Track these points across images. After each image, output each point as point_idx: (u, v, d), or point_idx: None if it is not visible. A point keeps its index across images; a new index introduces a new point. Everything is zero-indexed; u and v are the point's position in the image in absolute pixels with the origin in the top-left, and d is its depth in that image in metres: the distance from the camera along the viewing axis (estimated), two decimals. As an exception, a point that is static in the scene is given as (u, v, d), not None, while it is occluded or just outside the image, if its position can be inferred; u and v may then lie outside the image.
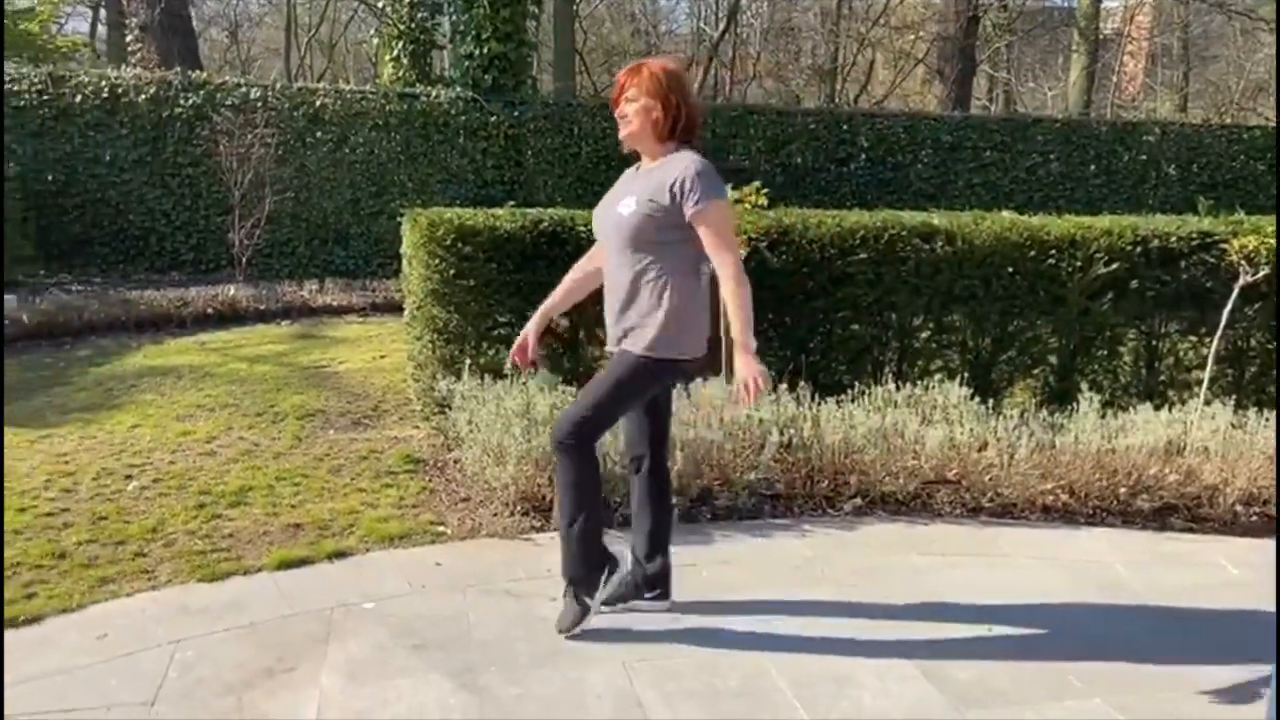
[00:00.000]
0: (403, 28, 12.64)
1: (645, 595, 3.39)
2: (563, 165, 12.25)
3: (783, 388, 4.79)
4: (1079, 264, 5.47)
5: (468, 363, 4.90)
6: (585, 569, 3.20)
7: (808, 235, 5.34)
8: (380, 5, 13.76)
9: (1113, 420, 4.78)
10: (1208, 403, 5.01)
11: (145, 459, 4.99)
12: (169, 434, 5.41)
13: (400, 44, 12.69)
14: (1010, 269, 5.47)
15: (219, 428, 5.55)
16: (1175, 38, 24.36)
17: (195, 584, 3.59)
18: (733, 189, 5.12)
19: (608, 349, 3.26)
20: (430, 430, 5.31)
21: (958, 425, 4.63)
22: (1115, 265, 5.47)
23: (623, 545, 3.42)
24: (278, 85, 11.76)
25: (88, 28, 23.22)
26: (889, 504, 4.46)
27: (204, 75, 11.80)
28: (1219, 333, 5.31)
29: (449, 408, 4.85)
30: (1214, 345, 5.34)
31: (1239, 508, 4.43)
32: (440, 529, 4.14)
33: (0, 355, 6.85)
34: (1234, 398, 5.20)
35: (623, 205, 3.11)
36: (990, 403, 4.97)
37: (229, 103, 11.14)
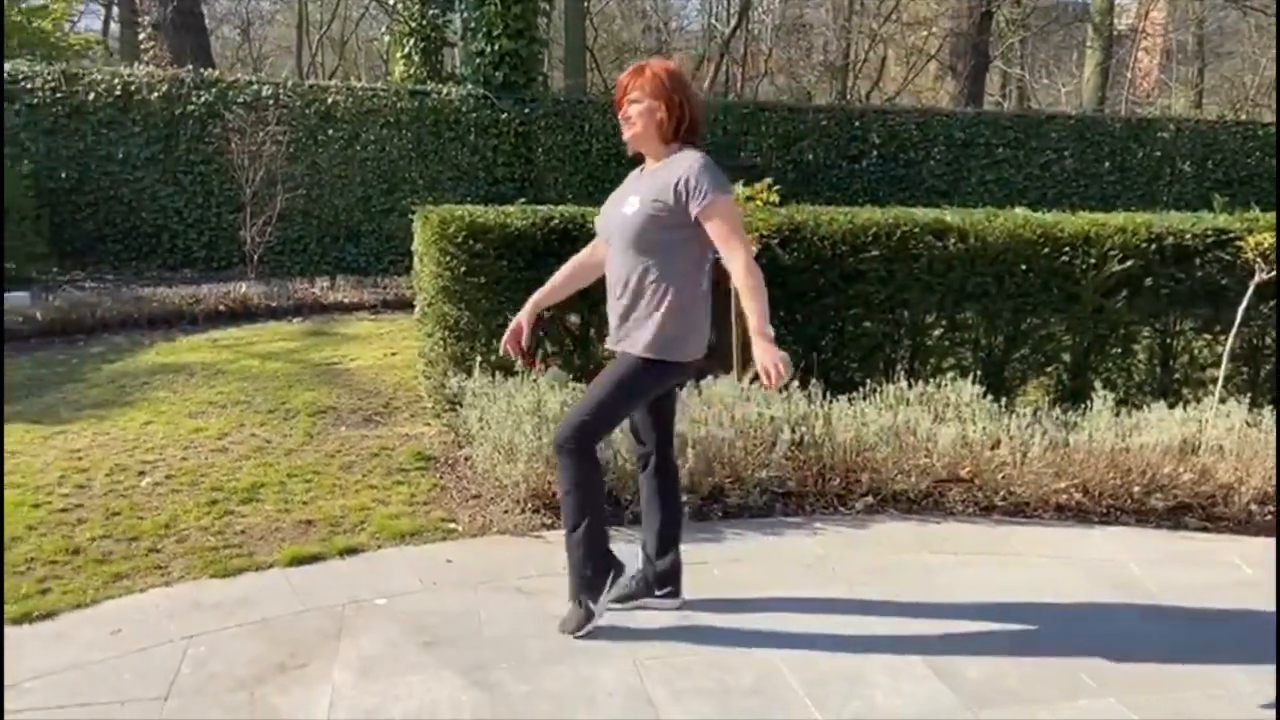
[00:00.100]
0: (414, 25, 12.66)
1: (656, 593, 3.39)
2: (573, 162, 12.25)
3: (794, 385, 4.78)
4: (1093, 261, 5.44)
5: (479, 360, 4.91)
6: (590, 573, 3.20)
7: (819, 232, 5.32)
8: (392, 3, 13.77)
9: (1127, 419, 4.75)
10: (1223, 401, 4.97)
11: (158, 455, 5.01)
12: (181, 430, 5.43)
13: (411, 41, 12.72)
14: (1023, 266, 5.44)
15: (231, 424, 5.57)
16: (1190, 33, 24.22)
17: (208, 580, 3.60)
18: (744, 185, 5.11)
19: (608, 347, 3.25)
20: (441, 427, 5.32)
21: (970, 423, 4.61)
22: (1130, 262, 5.43)
23: (633, 543, 3.42)
24: (289, 83, 11.78)
25: (100, 25, 23.35)
26: (901, 502, 4.44)
27: (216, 73, 11.84)
28: (1234, 330, 5.27)
29: (460, 405, 4.86)
30: (1229, 343, 5.31)
31: (1254, 507, 4.40)
32: (451, 526, 4.15)
33: (0, 352, 6.86)
34: (1249, 396, 5.17)
35: (627, 205, 3.10)
36: (1003, 401, 4.95)
37: (241, 100, 11.18)
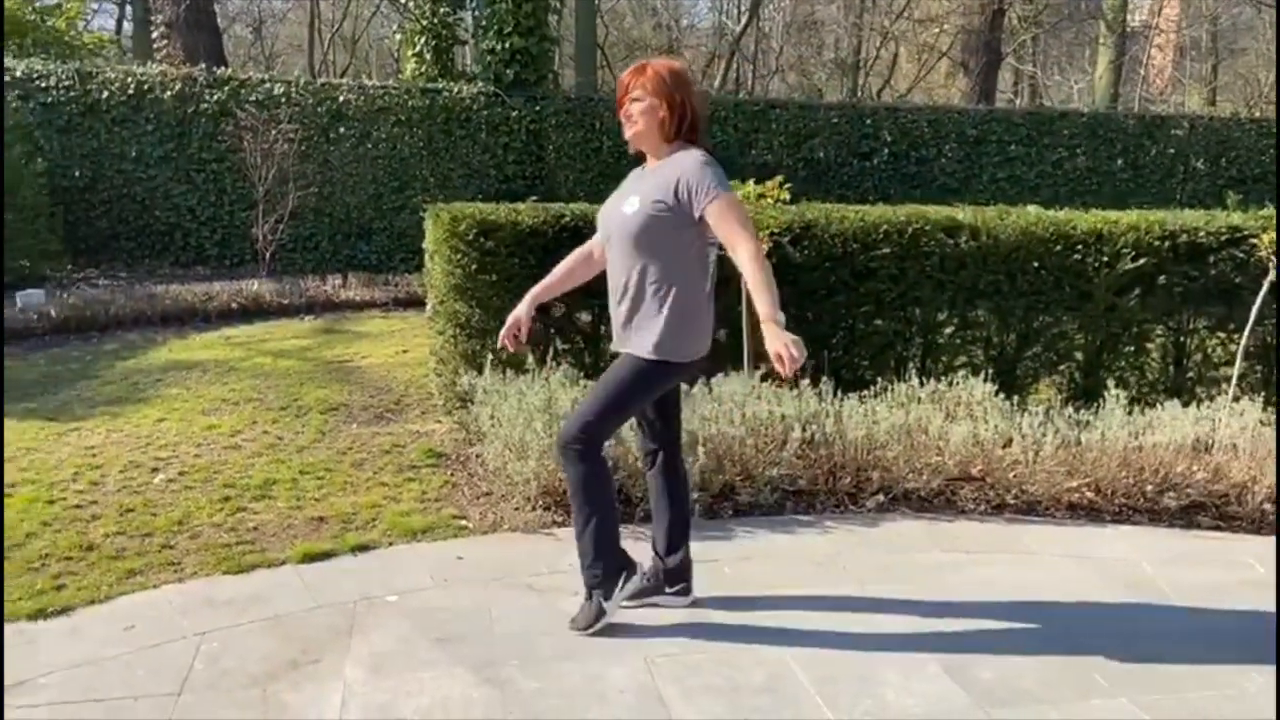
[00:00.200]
0: (425, 23, 12.68)
1: (667, 590, 3.38)
2: (584, 160, 12.25)
3: (805, 383, 4.77)
4: (1106, 259, 5.42)
5: (490, 357, 4.91)
6: (602, 571, 3.20)
7: (830, 230, 5.32)
8: (403, 1, 13.79)
9: (1139, 417, 4.72)
10: (1236, 399, 4.95)
11: (171, 452, 5.03)
12: (194, 427, 5.46)
13: (423, 39, 12.73)
14: (1036, 264, 5.42)
15: (243, 421, 5.59)
16: (1204, 30, 24.08)
17: (220, 576, 3.62)
18: (755, 183, 5.11)
19: (613, 348, 3.25)
20: (452, 425, 5.33)
21: (982, 421, 4.60)
22: (1143, 260, 5.41)
23: (644, 541, 3.42)
24: (301, 81, 11.81)
25: (113, 24, 23.46)
26: (912, 501, 4.44)
27: (228, 72, 11.88)
28: (1248, 329, 5.24)
29: (471, 402, 4.87)
30: (1243, 341, 5.28)
31: (1267, 506, 4.37)
32: (462, 523, 4.16)
33: (0, 352, 6.93)
34: (1263, 394, 5.14)
35: (627, 205, 3.09)
36: (1015, 399, 4.94)
37: (253, 99, 11.22)
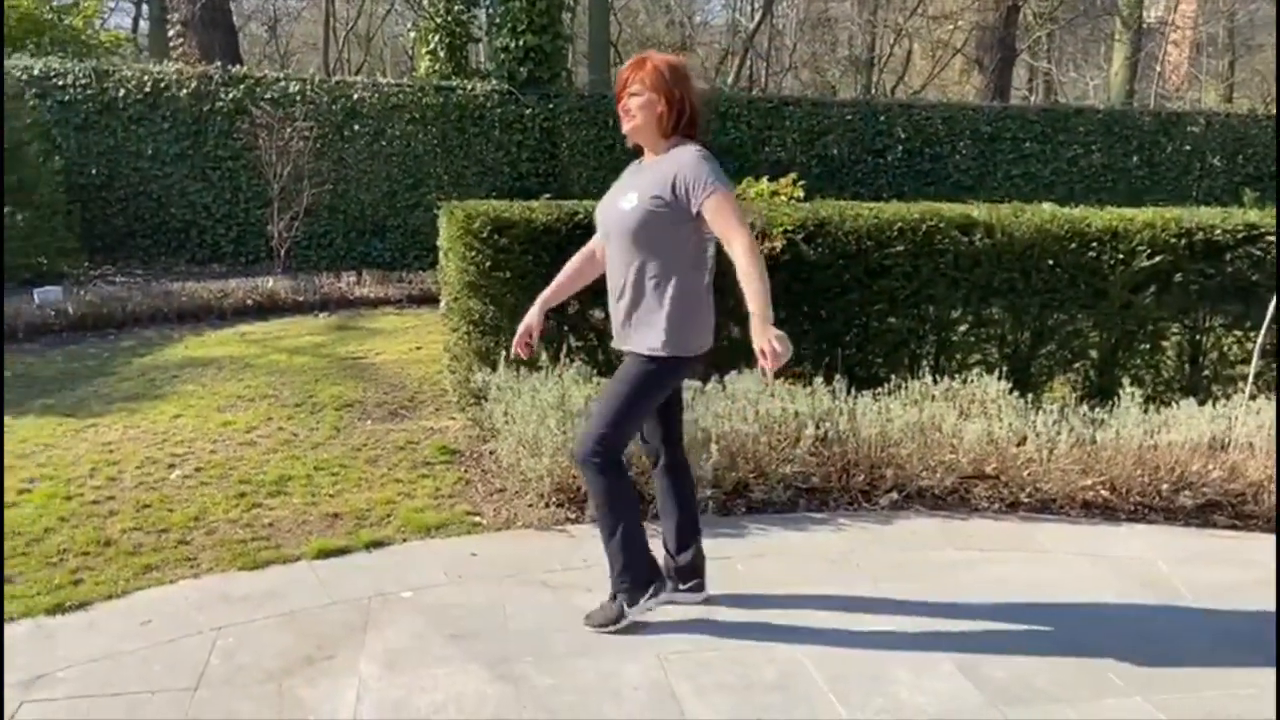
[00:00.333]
0: (439, 21, 12.70)
1: (680, 588, 3.38)
2: (597, 157, 12.25)
3: (818, 381, 4.76)
4: (1121, 257, 5.39)
5: (503, 354, 4.92)
6: (630, 581, 3.20)
7: (844, 227, 5.31)
8: (417, -2, 13.82)
9: (1155, 415, 4.70)
10: (1253, 398, 4.91)
11: (187, 448, 5.07)
12: (210, 424, 5.49)
13: (437, 37, 12.75)
14: (1050, 262, 5.40)
15: (259, 418, 5.62)
16: (1220, 26, 23.89)
17: (236, 572, 3.65)
18: (769, 181, 5.11)
19: (615, 345, 3.24)
20: (466, 421, 5.35)
21: (996, 419, 4.59)
22: (1158, 258, 5.38)
23: (655, 539, 3.42)
24: (316, 79, 11.85)
25: (130, 23, 23.58)
26: (926, 498, 4.43)
27: (244, 70, 11.93)
28: (1265, 327, 5.20)
29: (485, 399, 4.88)
30: (1259, 340, 5.24)
31: (1285, 505, 4.35)
32: (476, 519, 4.17)
33: (0, 352, 6.97)
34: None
35: (625, 201, 3.09)
36: (1029, 397, 4.91)
37: (268, 97, 11.26)
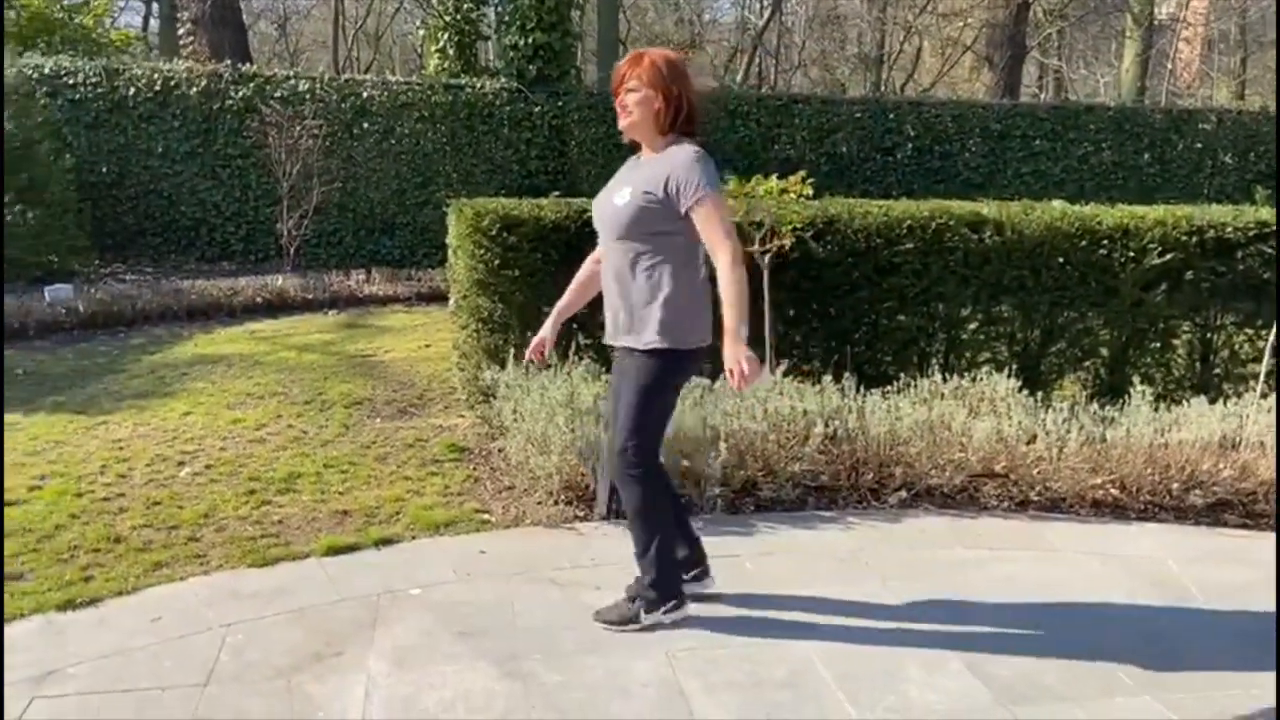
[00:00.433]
0: (448, 19, 12.70)
1: (685, 577, 3.36)
2: (606, 155, 12.23)
3: (827, 378, 4.76)
4: (1132, 254, 5.37)
5: (512, 352, 4.93)
6: (656, 594, 3.20)
7: (854, 225, 5.30)
8: (426, -4, 13.83)
9: (1165, 414, 4.68)
10: (1264, 396, 4.89)
11: (197, 446, 5.08)
12: (220, 421, 5.51)
13: (446, 35, 12.75)
14: (1061, 259, 5.38)
15: (268, 415, 5.64)
16: (1232, 23, 23.78)
17: (246, 569, 3.65)
18: (778, 179, 5.09)
19: (609, 343, 3.22)
20: (475, 419, 5.36)
21: (1006, 418, 4.57)
22: (1169, 256, 5.36)
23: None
24: (325, 77, 11.86)
25: (140, 21, 23.65)
26: (935, 497, 4.42)
27: (253, 68, 11.96)
28: (1276, 325, 5.18)
29: (493, 397, 4.89)
30: (1271, 338, 5.22)
31: (1296, 504, 4.33)
32: (485, 517, 4.18)
33: (0, 350, 7.01)
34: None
35: (618, 197, 3.08)
36: (1039, 395, 4.90)
37: (278, 95, 11.28)
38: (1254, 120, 13.93)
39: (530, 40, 11.79)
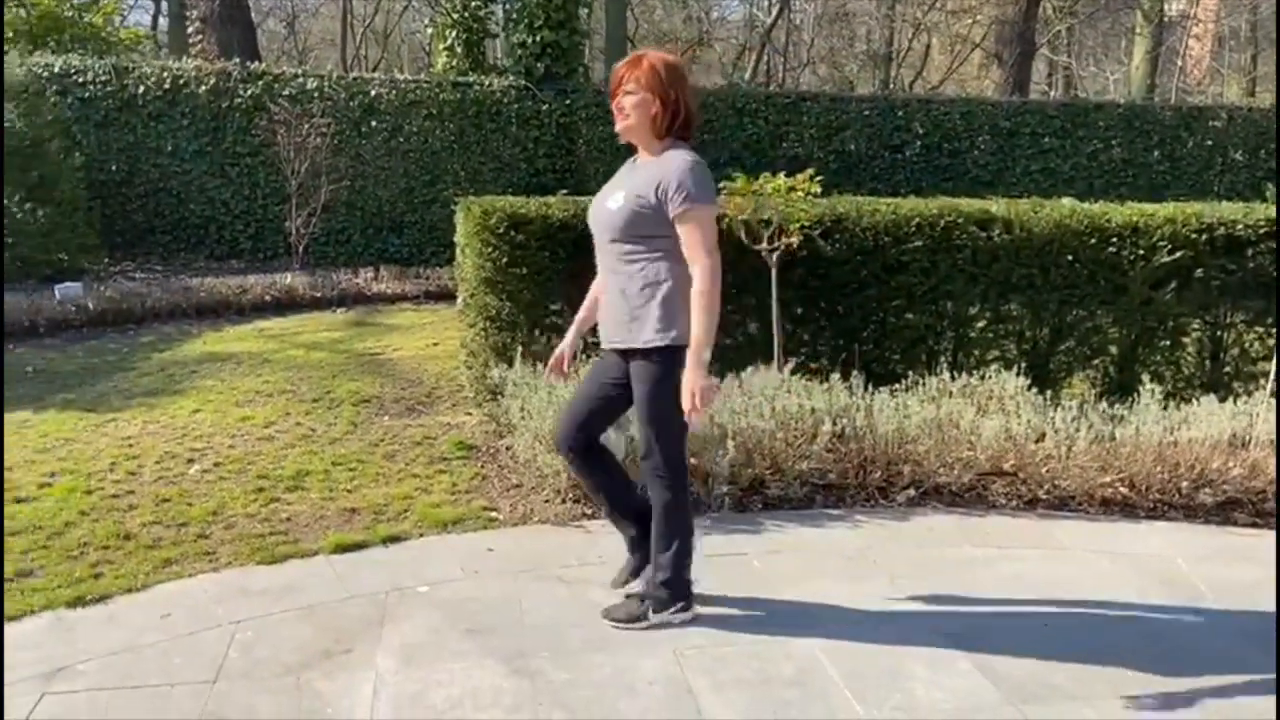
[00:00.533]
0: (456, 17, 12.71)
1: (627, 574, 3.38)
2: (614, 153, 12.21)
3: (835, 377, 4.75)
4: (1141, 252, 5.35)
5: (520, 350, 4.94)
6: (669, 595, 3.20)
7: (862, 223, 5.29)
8: (434, -5, 13.83)
9: (1175, 412, 4.67)
10: (1274, 395, 4.87)
11: (206, 443, 5.10)
12: (229, 419, 5.53)
13: (454, 33, 12.75)
14: (1070, 257, 5.37)
15: (277, 413, 5.65)
16: (1243, 19, 23.65)
17: (254, 566, 3.67)
18: (786, 176, 5.09)
19: (603, 345, 3.18)
20: (483, 417, 5.36)
21: (1014, 416, 4.56)
22: (1179, 254, 5.34)
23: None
24: (333, 75, 11.88)
25: (149, 20, 23.72)
26: (943, 495, 4.41)
27: (262, 66, 11.98)
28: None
29: (501, 395, 4.89)
30: (1281, 335, 5.20)
31: (1306, 503, 4.31)
32: (493, 515, 4.18)
33: (0, 349, 7.03)
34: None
35: (611, 201, 3.08)
36: (1048, 394, 4.89)
37: (286, 93, 11.30)
38: (1264, 117, 13.85)
39: (538, 38, 11.79)
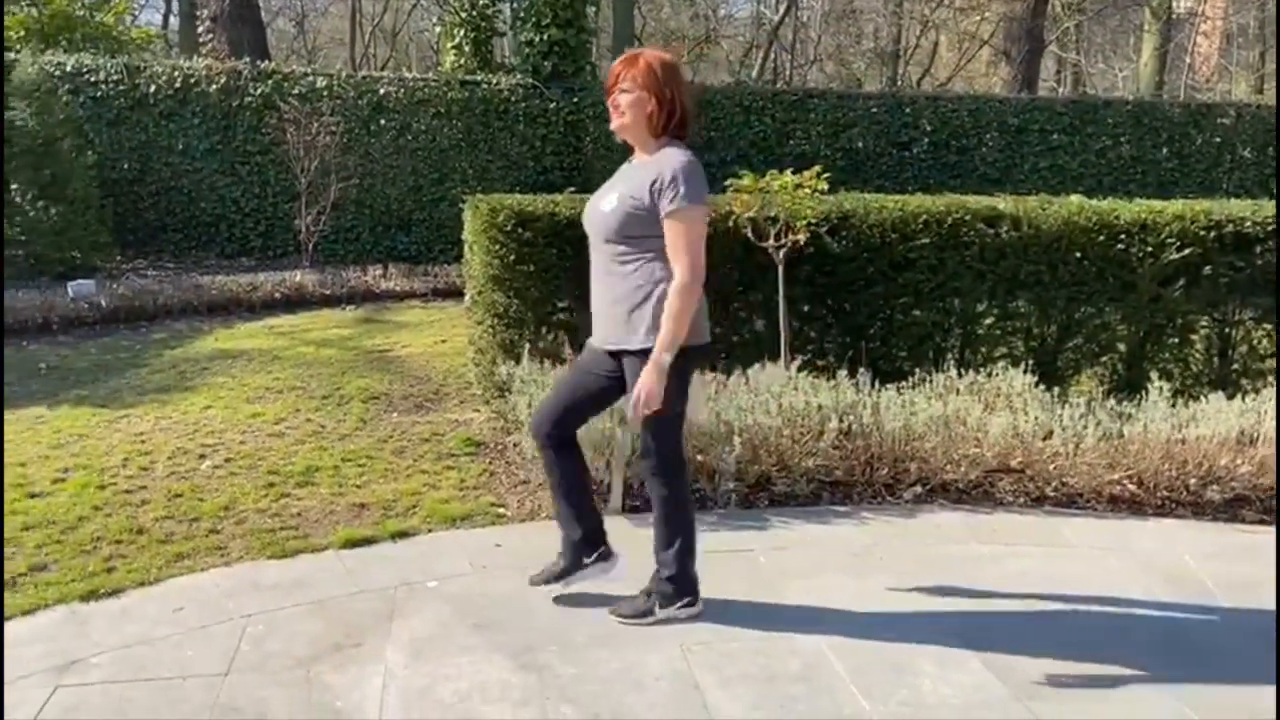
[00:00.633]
0: (464, 16, 12.72)
1: (585, 561, 3.36)
2: (621, 151, 11.92)
3: (842, 374, 4.76)
4: (1150, 249, 5.35)
5: (527, 347, 4.95)
6: (673, 589, 3.22)
7: (869, 220, 5.29)
8: (442, -7, 13.85)
9: (1183, 410, 4.67)
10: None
11: (217, 439, 5.13)
12: (240, 415, 5.56)
13: (462, 32, 12.77)
14: (1078, 254, 5.36)
15: (287, 409, 5.69)
16: (1252, 16, 23.56)
17: (265, 561, 3.70)
18: (793, 173, 5.10)
19: (607, 347, 3.15)
20: (490, 414, 5.38)
21: (1021, 413, 4.57)
22: (1188, 250, 5.33)
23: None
24: (343, 74, 11.92)
25: (160, 19, 23.81)
26: (950, 492, 4.41)
27: (272, 65, 12.01)
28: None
29: (509, 391, 4.91)
30: (1290, 333, 5.19)
31: (1314, 500, 4.31)
32: (500, 511, 4.21)
33: (0, 349, 7.09)
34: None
35: (605, 202, 3.09)
36: (1055, 391, 4.89)
37: (296, 92, 11.34)
38: (1272, 115, 13.79)
39: (545, 36, 11.81)
